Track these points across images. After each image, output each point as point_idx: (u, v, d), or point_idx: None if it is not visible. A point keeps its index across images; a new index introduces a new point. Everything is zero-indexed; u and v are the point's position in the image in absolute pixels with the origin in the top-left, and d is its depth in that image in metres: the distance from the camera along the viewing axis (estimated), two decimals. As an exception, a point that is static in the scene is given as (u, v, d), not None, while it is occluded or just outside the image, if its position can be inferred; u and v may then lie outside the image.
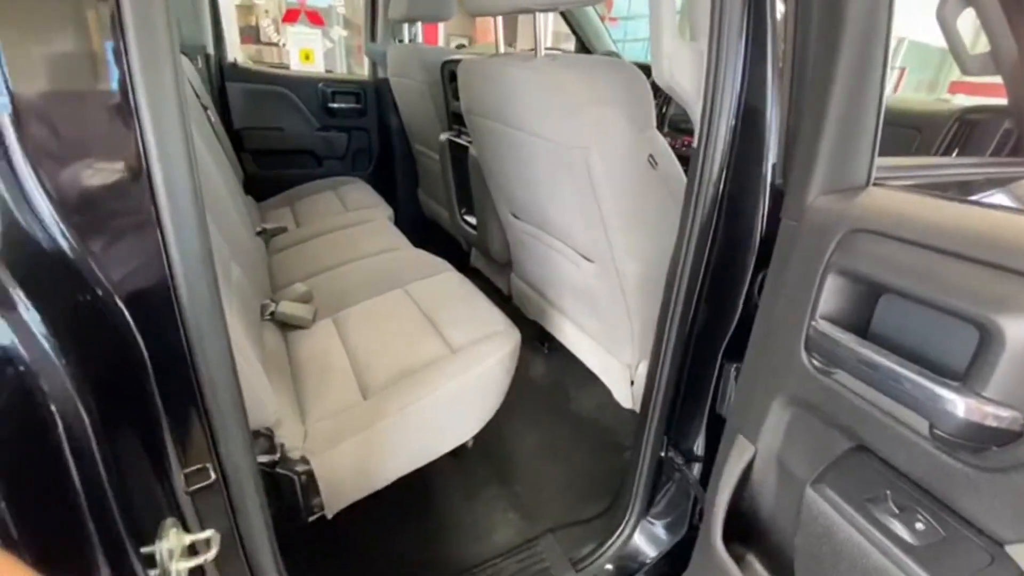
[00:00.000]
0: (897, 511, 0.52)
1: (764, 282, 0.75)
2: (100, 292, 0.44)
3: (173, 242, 0.46)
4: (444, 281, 1.41)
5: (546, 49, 1.02)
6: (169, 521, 0.52)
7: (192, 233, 0.47)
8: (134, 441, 0.47)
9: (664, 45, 0.75)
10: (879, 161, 0.66)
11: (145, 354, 0.47)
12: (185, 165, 0.45)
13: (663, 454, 1.05)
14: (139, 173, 0.43)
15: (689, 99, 0.81)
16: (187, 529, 0.56)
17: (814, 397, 0.64)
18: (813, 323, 0.61)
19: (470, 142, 1.69)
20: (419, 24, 2.14)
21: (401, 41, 2.31)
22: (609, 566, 1.09)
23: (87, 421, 0.39)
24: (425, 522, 1.20)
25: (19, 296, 0.36)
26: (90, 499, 0.40)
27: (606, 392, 1.37)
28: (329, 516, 0.91)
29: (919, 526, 0.50)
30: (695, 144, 0.81)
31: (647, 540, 1.10)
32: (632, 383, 1.24)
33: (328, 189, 2.24)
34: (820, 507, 0.57)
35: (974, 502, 0.48)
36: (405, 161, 2.48)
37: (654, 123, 0.94)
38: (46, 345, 0.37)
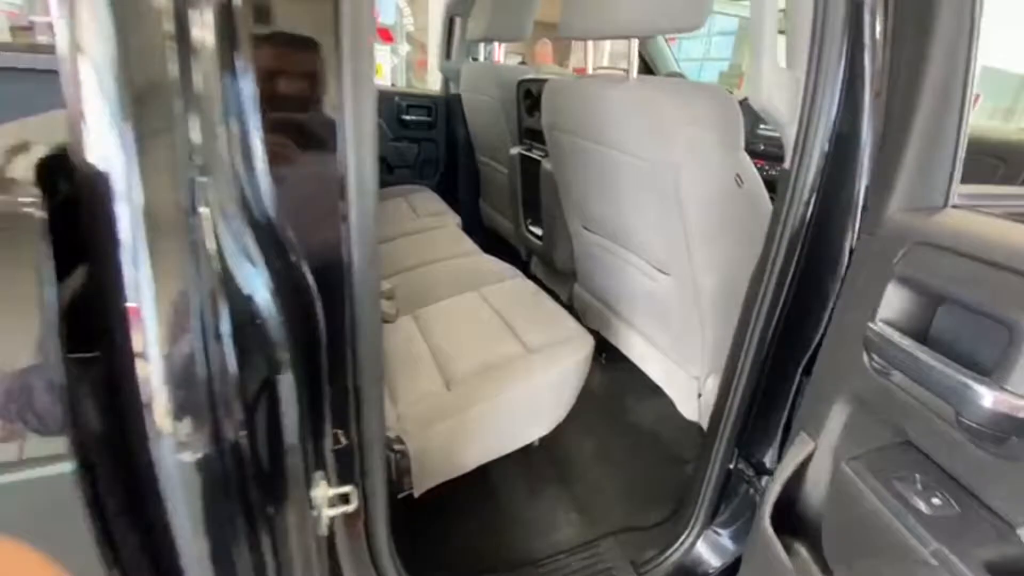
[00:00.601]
0: (920, 489, 0.58)
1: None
2: (294, 260, 0.52)
3: (355, 233, 0.54)
4: (515, 286, 1.48)
5: (604, 68, 1.09)
6: (319, 474, 0.60)
7: (367, 230, 0.55)
8: (310, 399, 0.55)
9: (764, 72, 0.80)
10: (964, 188, 0.70)
11: (322, 325, 0.55)
12: (372, 174, 0.53)
13: (732, 466, 1.07)
14: (336, 176, 0.52)
15: (783, 122, 0.85)
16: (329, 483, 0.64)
17: (871, 396, 0.69)
18: (870, 324, 0.66)
19: (542, 156, 1.77)
20: (495, 44, 2.25)
21: (475, 59, 2.44)
22: (671, 572, 1.11)
23: (293, 375, 0.48)
24: (492, 513, 1.26)
25: (254, 252, 0.45)
26: (293, 443, 0.48)
27: (664, 405, 1.40)
28: (416, 495, 0.98)
29: (936, 501, 0.56)
30: (787, 165, 0.85)
31: (711, 549, 1.12)
32: (699, 395, 1.26)
33: (398, 196, 2.36)
34: (850, 478, 0.64)
35: (993, 487, 0.54)
36: (469, 172, 2.59)
37: (742, 144, 0.98)
38: (272, 302, 0.45)
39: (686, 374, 1.29)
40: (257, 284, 0.44)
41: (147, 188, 0.38)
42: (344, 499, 0.62)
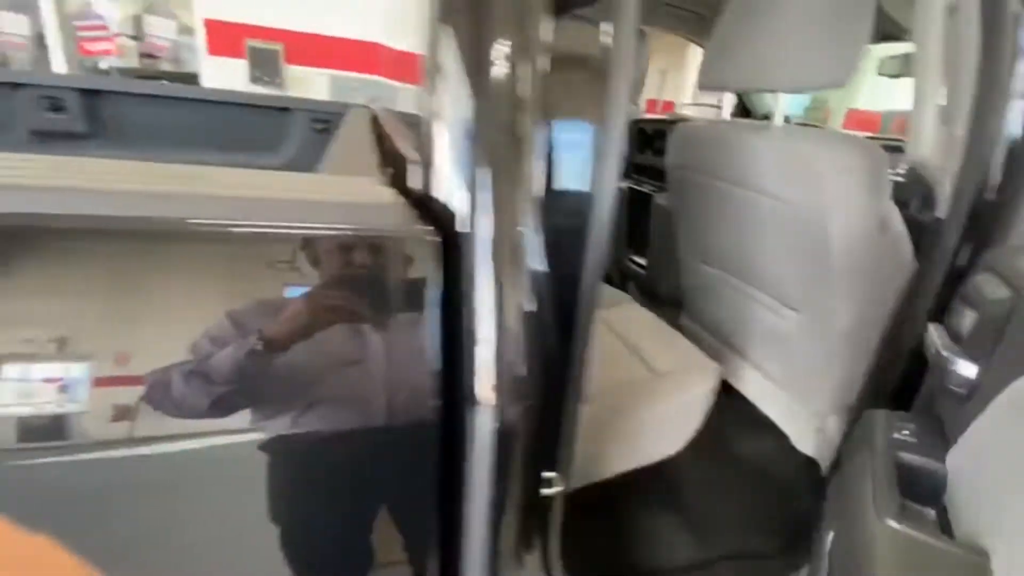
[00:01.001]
0: (906, 429, 0.73)
1: None
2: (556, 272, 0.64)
3: (592, 246, 0.66)
4: (631, 312, 1.57)
5: (687, 105, 1.17)
6: None
7: (602, 245, 0.67)
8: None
9: (924, 131, 0.87)
10: None
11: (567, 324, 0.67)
12: (610, 204, 0.65)
13: (860, 501, 1.09)
14: (587, 205, 0.64)
15: (936, 174, 0.91)
16: None
17: (934, 388, 0.82)
18: (930, 325, 0.78)
19: (653, 191, 1.87)
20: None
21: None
22: None
23: (560, 363, 0.59)
24: (612, 523, 1.32)
25: (544, 263, 0.57)
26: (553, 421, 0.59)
27: (771, 438, 1.42)
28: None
29: (906, 433, 0.73)
30: (940, 214, 0.90)
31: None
32: (819, 431, 1.29)
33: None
34: (866, 416, 0.80)
35: (949, 426, 0.70)
36: (565, 201, 2.73)
37: (889, 192, 1.04)
38: (550, 303, 0.57)
39: (807, 410, 1.31)
40: (545, 289, 0.56)
41: (495, 217, 0.51)
42: (547, 483, 0.72)
